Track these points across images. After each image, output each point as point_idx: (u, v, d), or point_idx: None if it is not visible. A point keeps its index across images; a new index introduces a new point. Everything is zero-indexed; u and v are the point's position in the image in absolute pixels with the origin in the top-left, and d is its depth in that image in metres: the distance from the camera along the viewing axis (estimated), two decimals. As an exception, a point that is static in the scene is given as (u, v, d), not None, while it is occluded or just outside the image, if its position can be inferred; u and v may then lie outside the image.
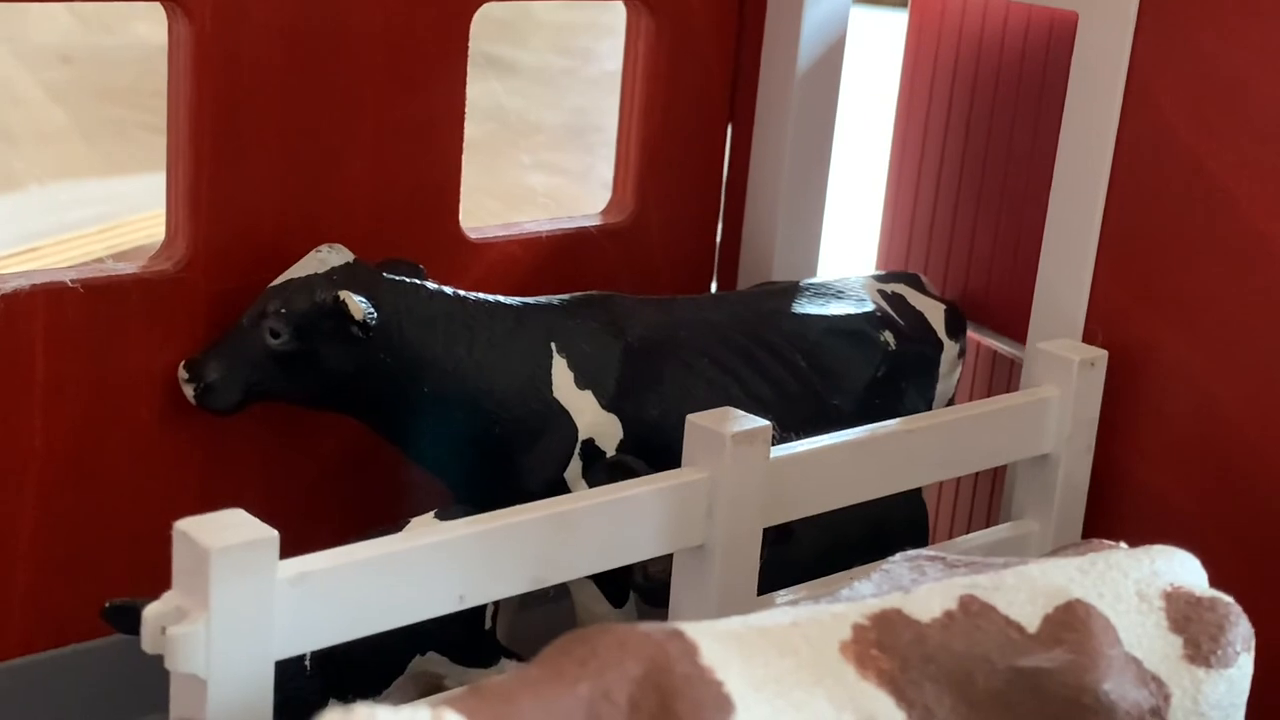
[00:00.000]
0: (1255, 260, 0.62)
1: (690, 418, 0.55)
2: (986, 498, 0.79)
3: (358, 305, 0.61)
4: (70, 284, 0.63)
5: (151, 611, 0.44)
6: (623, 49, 0.78)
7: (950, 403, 0.74)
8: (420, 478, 0.67)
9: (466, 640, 0.61)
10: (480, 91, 0.73)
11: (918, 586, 0.45)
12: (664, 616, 0.57)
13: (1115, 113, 0.66)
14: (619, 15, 0.79)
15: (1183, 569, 0.48)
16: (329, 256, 0.64)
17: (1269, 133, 0.61)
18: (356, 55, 0.68)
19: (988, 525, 0.75)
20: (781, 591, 0.59)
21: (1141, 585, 0.46)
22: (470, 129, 0.72)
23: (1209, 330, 0.64)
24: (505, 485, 0.64)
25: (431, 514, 0.61)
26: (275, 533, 0.44)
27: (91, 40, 2.18)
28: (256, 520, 0.45)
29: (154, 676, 0.47)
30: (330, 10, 0.67)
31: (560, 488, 0.64)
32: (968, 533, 0.75)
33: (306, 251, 0.64)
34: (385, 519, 0.61)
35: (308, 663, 0.58)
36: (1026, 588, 0.45)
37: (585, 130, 1.90)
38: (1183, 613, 0.46)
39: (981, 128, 0.78)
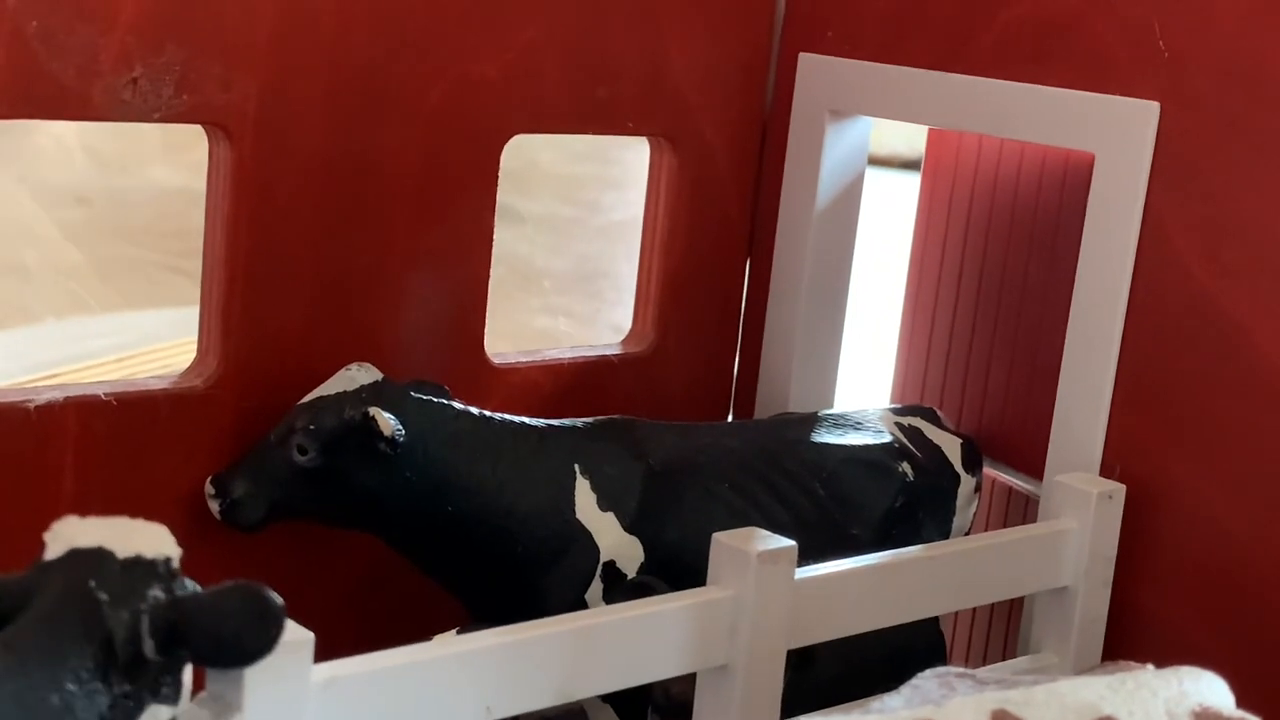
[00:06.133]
0: (1270, 395, 0.63)
1: (716, 536, 0.56)
2: (1003, 630, 0.78)
3: (387, 422, 0.62)
4: (103, 397, 0.63)
5: (189, 715, 0.44)
6: (629, 201, 0.80)
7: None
8: (442, 597, 0.67)
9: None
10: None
11: (948, 701, 0.45)
12: (685, 739, 0.57)
13: (1131, 250, 0.67)
14: (626, 169, 0.81)
15: (1210, 690, 0.48)
16: (358, 375, 0.65)
17: (1282, 271, 0.63)
18: (389, 183, 0.69)
19: (1005, 658, 0.75)
20: (803, 717, 0.58)
21: (1170, 704, 0.46)
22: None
23: (1226, 464, 0.65)
24: (526, 605, 0.64)
25: (453, 632, 0.61)
26: (310, 634, 0.45)
27: (107, 182, 2.21)
28: (292, 622, 0.45)
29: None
30: (366, 138, 0.68)
31: (581, 609, 0.64)
32: (985, 664, 0.74)
33: (335, 371, 0.65)
34: (408, 639, 0.61)
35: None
36: (1057, 704, 0.45)
37: (592, 276, 1.92)
38: (1212, 732, 0.46)
39: (996, 264, 0.79)
